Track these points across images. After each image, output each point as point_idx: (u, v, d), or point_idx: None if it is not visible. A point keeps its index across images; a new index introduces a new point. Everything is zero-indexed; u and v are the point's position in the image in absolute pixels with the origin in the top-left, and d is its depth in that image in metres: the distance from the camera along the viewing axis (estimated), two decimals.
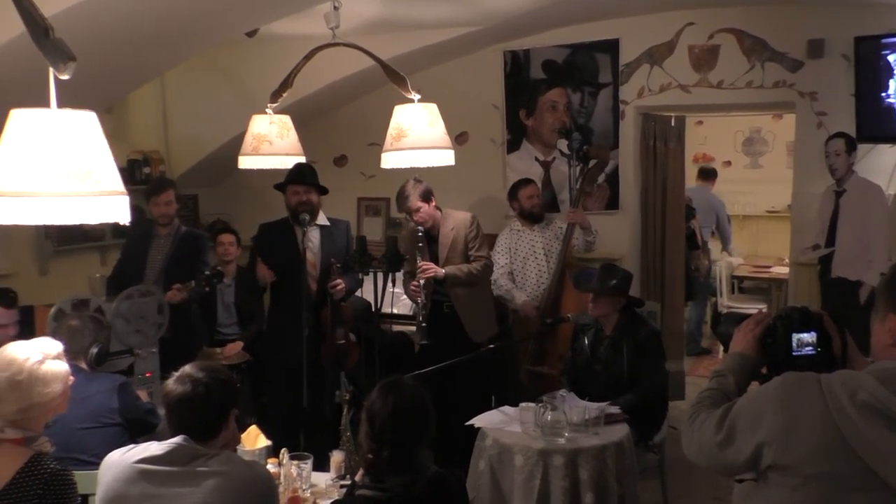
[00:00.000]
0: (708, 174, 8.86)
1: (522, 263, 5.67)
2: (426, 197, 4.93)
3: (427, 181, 4.93)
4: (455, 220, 5.08)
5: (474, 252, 5.08)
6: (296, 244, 4.72)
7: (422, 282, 4.92)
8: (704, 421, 2.02)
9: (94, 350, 3.58)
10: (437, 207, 5.04)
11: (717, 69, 6.12)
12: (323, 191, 4.86)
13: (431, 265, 4.93)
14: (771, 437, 1.84)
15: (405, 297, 5.64)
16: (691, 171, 8.87)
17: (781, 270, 8.33)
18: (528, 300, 5.54)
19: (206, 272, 5.02)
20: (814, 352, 2.11)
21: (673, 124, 6.60)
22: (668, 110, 6.53)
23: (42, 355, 2.65)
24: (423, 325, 4.92)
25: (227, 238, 6.11)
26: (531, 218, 5.74)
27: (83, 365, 3.50)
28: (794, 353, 2.11)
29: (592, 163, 6.00)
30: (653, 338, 4.56)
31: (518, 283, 5.65)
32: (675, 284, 6.61)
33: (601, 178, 6.42)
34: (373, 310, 4.41)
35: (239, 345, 5.69)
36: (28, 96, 1.92)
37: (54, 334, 3.36)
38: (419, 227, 4.96)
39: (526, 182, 5.87)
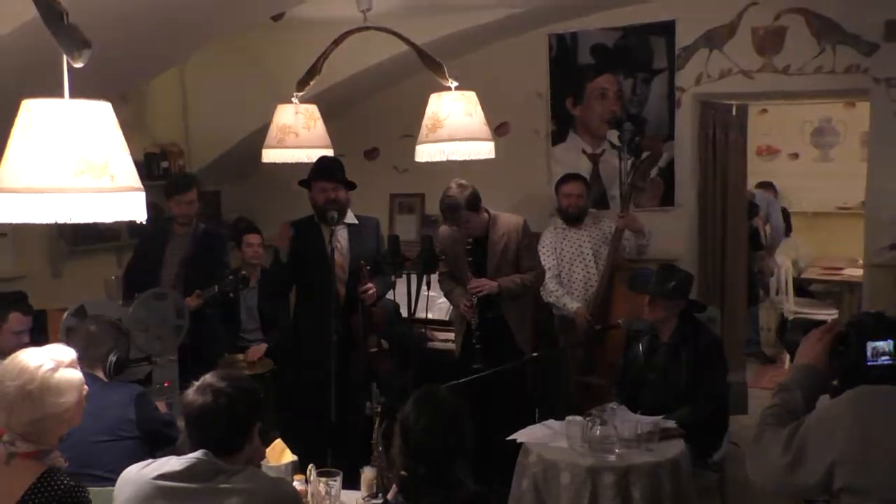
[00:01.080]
0: (766, 186, 8.88)
1: (569, 266, 5.64)
2: (475, 203, 4.83)
3: (471, 184, 4.86)
4: (506, 226, 5.01)
5: (527, 262, 5.03)
6: (323, 245, 4.72)
7: (475, 300, 4.90)
8: (770, 441, 1.99)
9: (113, 358, 3.62)
10: (486, 210, 5.00)
11: (782, 53, 6.04)
12: (351, 186, 4.86)
13: (486, 282, 4.88)
14: (844, 456, 1.81)
15: (442, 300, 5.63)
16: (754, 165, 8.80)
17: (854, 272, 8.21)
18: (582, 307, 5.50)
19: (230, 276, 5.05)
20: (890, 361, 2.08)
21: (734, 113, 6.53)
22: (728, 98, 6.47)
23: (55, 363, 2.67)
24: (478, 346, 4.88)
25: (255, 238, 6.14)
26: (566, 218, 5.71)
27: (99, 374, 3.54)
28: (868, 363, 2.08)
29: (645, 155, 5.96)
30: (714, 346, 4.52)
31: (564, 286, 5.62)
32: (736, 288, 6.54)
33: (654, 173, 6.37)
34: (405, 315, 4.40)
35: (262, 347, 5.73)
36: (39, 86, 1.94)
37: (69, 340, 3.40)
38: (469, 240, 4.91)
39: (570, 178, 5.82)
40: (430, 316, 5.99)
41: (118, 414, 3.38)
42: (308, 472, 3.23)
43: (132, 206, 1.84)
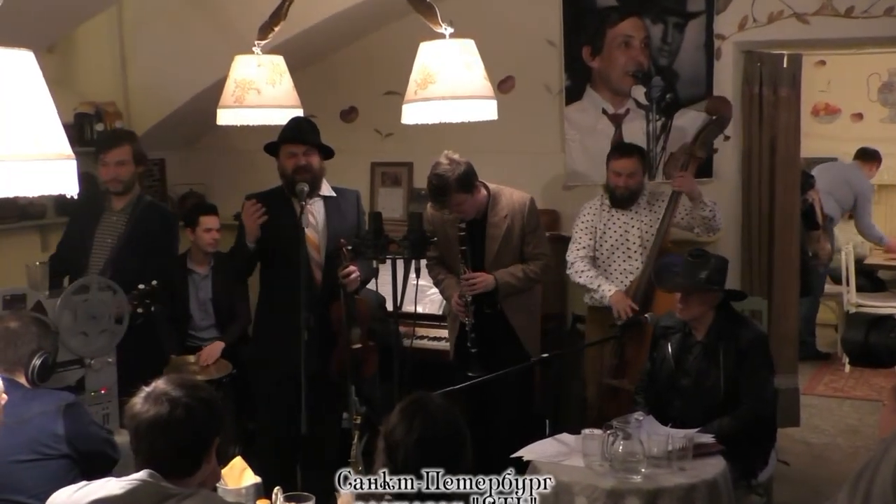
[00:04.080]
0: (870, 156, 8.84)
1: (608, 254, 5.54)
2: (468, 183, 4.82)
3: (465, 160, 4.83)
4: (510, 206, 5.00)
5: (532, 249, 5.03)
6: (293, 222, 4.71)
7: (469, 298, 4.90)
8: None
9: (38, 360, 3.61)
10: (484, 185, 4.99)
11: None
12: (328, 153, 4.85)
13: (480, 276, 4.90)
14: None
15: (433, 290, 5.63)
16: (809, 127, 8.80)
17: None
18: (620, 292, 5.31)
19: (141, 287, 4.66)
20: None
21: (785, 65, 6.52)
22: (779, 47, 6.45)
23: None
24: (474, 351, 4.89)
25: (213, 221, 6.09)
26: (613, 200, 5.55)
27: (21, 379, 3.53)
28: None
29: (712, 118, 5.66)
30: (758, 344, 4.53)
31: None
32: (786, 275, 6.55)
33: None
34: (391, 308, 4.39)
35: (219, 345, 5.70)
36: None
37: None
38: (462, 224, 4.91)
39: (621, 151, 5.64)
40: (419, 310, 5.97)
41: (44, 427, 3.37)
42: (274, 497, 3.24)
43: (61, 177, 1.83)
